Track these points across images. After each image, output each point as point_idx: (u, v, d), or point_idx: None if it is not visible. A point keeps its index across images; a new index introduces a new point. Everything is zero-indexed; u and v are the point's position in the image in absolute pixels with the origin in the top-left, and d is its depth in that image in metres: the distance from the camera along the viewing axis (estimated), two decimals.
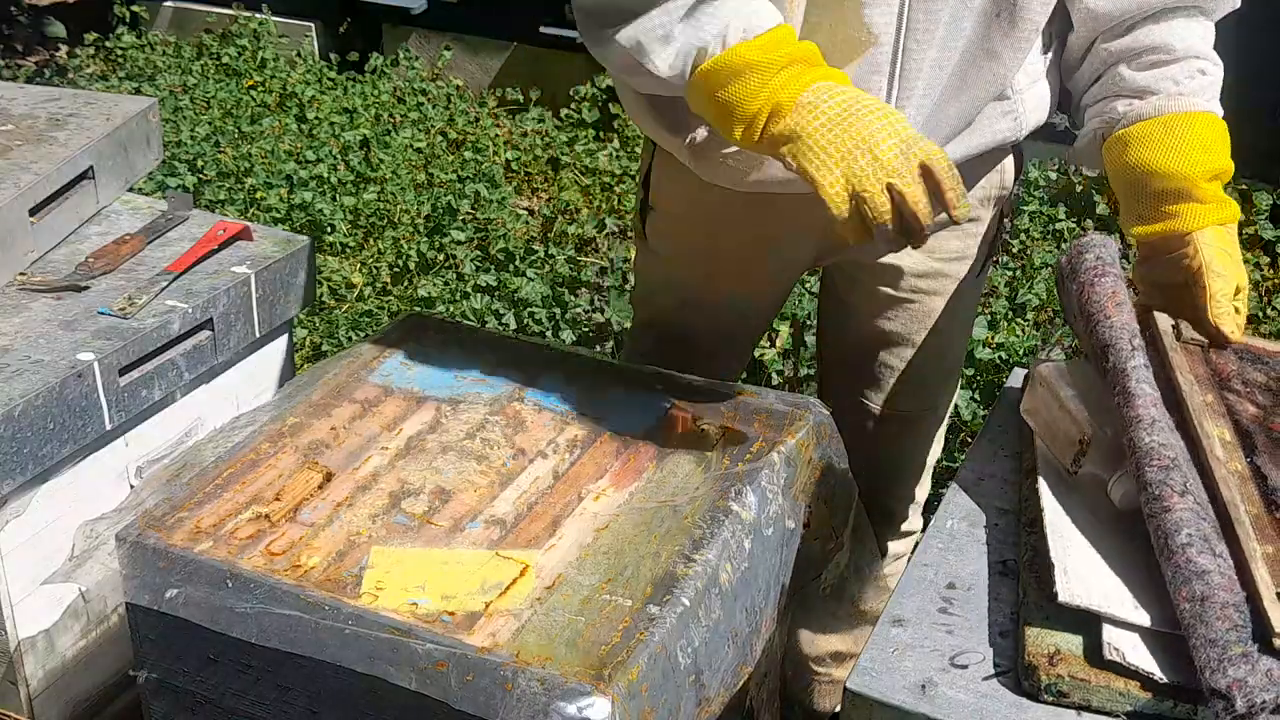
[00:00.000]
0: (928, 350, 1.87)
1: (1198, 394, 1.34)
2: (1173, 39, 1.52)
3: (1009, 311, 3.17)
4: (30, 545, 1.64)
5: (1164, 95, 1.51)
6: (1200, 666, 1.05)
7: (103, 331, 1.69)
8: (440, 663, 1.22)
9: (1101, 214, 3.67)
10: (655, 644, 1.25)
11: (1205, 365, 1.42)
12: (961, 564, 1.29)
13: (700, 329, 1.85)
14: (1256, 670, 1.04)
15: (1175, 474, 1.19)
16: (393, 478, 1.49)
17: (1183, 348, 1.43)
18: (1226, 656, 1.04)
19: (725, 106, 1.36)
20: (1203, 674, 1.05)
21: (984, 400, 2.83)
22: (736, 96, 1.36)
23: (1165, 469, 1.19)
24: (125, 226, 1.97)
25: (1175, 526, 1.14)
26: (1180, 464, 1.20)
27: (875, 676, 1.15)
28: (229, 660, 1.36)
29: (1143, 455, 1.21)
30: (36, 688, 1.71)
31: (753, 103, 1.35)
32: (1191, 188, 1.46)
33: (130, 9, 5.11)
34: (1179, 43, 1.52)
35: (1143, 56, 1.53)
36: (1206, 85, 1.53)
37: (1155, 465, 1.20)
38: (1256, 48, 3.71)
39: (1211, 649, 1.05)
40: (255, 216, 3.64)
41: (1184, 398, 1.32)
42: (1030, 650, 1.14)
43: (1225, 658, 1.04)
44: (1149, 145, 1.48)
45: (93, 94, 2.17)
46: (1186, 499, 1.16)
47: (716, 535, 1.39)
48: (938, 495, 2.65)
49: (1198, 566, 1.11)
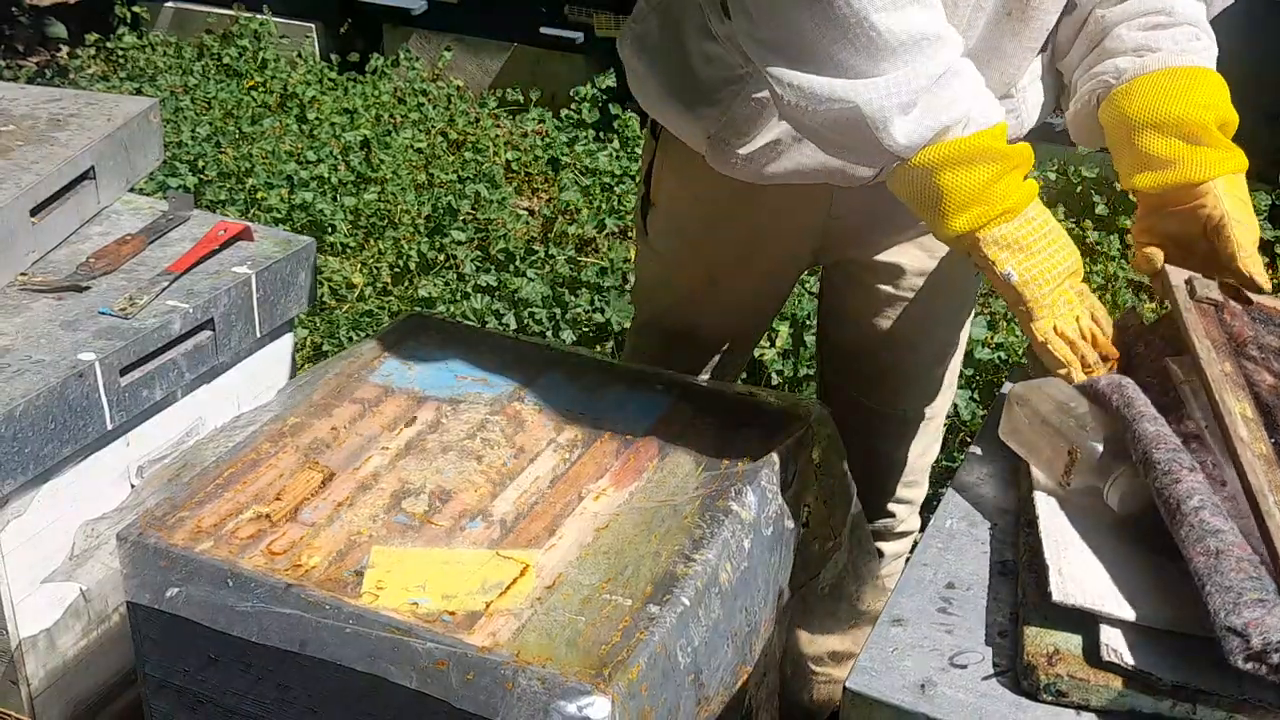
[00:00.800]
0: (926, 350, 1.87)
1: (1215, 362, 1.30)
2: (1173, 2, 1.51)
3: (1009, 311, 3.18)
4: (31, 545, 1.64)
5: (1167, 51, 1.48)
6: (1214, 610, 1.05)
7: (104, 331, 1.70)
8: (440, 661, 1.23)
9: (1101, 214, 3.67)
10: (655, 643, 1.25)
11: (1220, 329, 1.37)
12: (961, 564, 1.29)
13: (700, 327, 1.86)
14: (1273, 614, 1.03)
15: (1183, 455, 1.19)
16: (393, 477, 1.50)
17: (1196, 307, 1.38)
18: (1242, 600, 1.04)
19: (951, 191, 1.33)
20: (1217, 616, 1.04)
21: (984, 400, 2.83)
22: (969, 185, 1.33)
23: (1173, 450, 1.20)
24: (126, 227, 1.97)
25: (1187, 494, 1.14)
26: (1185, 451, 1.21)
27: (875, 676, 1.15)
28: (230, 659, 1.36)
29: (1149, 441, 1.21)
30: (38, 687, 1.71)
31: (987, 195, 1.33)
32: (1202, 133, 1.42)
33: (131, 9, 5.11)
34: (1179, 6, 1.51)
35: (1143, 18, 1.51)
36: (1205, 48, 1.51)
37: (1163, 448, 1.20)
38: (1257, 48, 3.72)
39: (1226, 594, 1.05)
40: (256, 217, 3.64)
41: (1203, 366, 1.29)
42: (1029, 650, 1.14)
43: (1241, 601, 1.04)
44: (1156, 92, 1.44)
45: (94, 94, 2.17)
46: (1196, 474, 1.17)
47: (716, 535, 1.39)
48: (937, 495, 2.65)
49: (1211, 526, 1.11)
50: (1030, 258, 1.36)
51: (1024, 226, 1.36)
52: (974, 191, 1.33)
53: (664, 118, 1.68)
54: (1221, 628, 1.04)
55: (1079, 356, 1.39)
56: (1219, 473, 1.23)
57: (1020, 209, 1.36)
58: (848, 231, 1.76)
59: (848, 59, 1.29)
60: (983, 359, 2.88)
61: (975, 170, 1.33)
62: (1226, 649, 1.04)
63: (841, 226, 1.75)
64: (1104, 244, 3.53)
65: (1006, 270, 1.36)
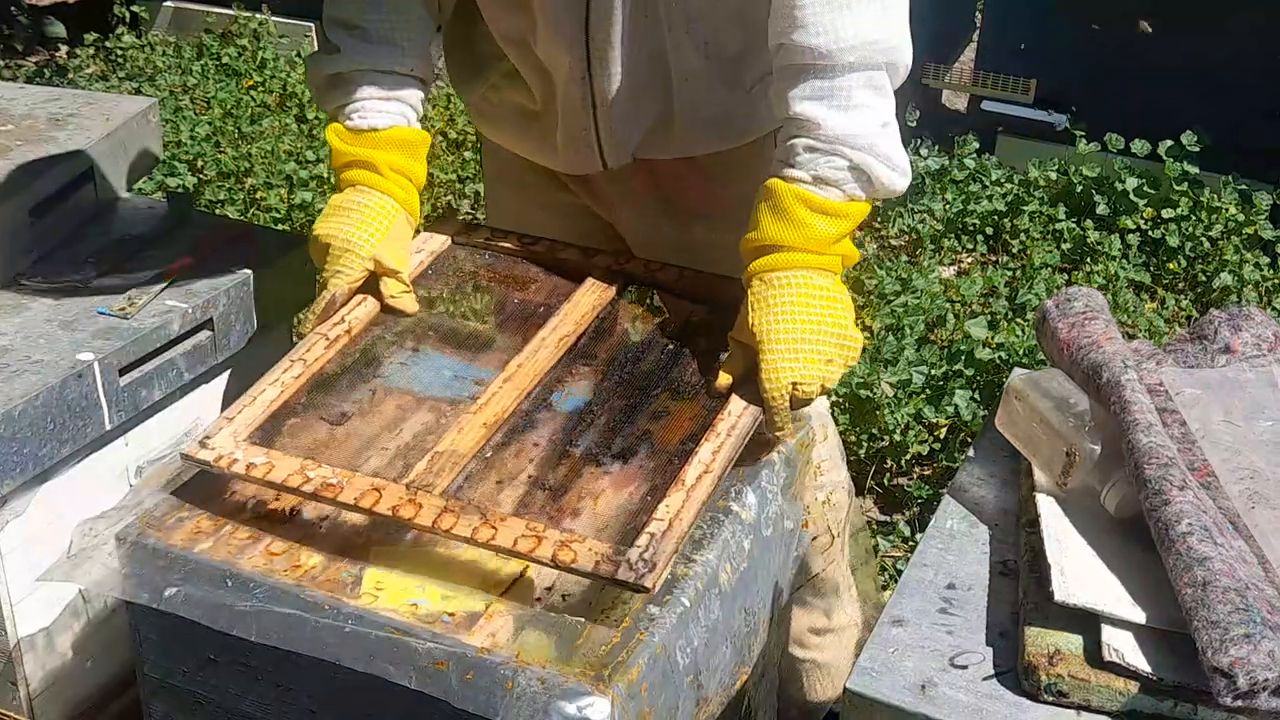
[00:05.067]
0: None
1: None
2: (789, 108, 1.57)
3: (1009, 311, 3.18)
4: (30, 545, 1.64)
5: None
6: (1202, 648, 1.06)
7: (103, 331, 1.69)
8: (440, 662, 1.23)
9: (1102, 214, 3.67)
10: (655, 644, 1.25)
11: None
12: (961, 564, 1.29)
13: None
14: (1259, 650, 1.04)
15: (1174, 470, 1.20)
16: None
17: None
18: (1229, 637, 1.05)
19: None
20: (1204, 654, 1.06)
21: (984, 400, 2.83)
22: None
23: (1164, 466, 1.20)
24: (125, 227, 1.97)
25: (1175, 518, 1.15)
26: (1178, 463, 1.21)
27: (875, 677, 1.15)
28: (229, 660, 1.36)
29: (1141, 455, 1.22)
30: (36, 687, 1.71)
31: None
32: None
33: (130, 9, 5.11)
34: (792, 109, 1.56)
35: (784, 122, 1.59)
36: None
37: (1154, 463, 1.21)
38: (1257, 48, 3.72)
39: (1214, 630, 1.06)
40: (255, 217, 3.64)
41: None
42: (1030, 650, 1.14)
43: (1228, 638, 1.05)
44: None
45: (93, 94, 2.18)
46: (1186, 493, 1.17)
47: (716, 536, 1.39)
48: (937, 495, 2.65)
49: (1199, 554, 1.12)
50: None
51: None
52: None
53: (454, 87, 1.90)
54: (1209, 668, 1.05)
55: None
56: (1213, 483, 1.24)
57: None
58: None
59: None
60: (983, 359, 2.88)
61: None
62: (1215, 689, 1.05)
63: None
64: (1104, 244, 3.53)
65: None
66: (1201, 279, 3.47)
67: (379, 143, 1.66)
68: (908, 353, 2.88)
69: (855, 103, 1.46)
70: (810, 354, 1.43)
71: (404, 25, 1.70)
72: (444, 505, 1.30)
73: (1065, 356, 1.41)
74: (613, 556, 1.23)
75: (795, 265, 1.46)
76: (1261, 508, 1.21)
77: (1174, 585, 1.12)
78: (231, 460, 1.38)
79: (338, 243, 1.62)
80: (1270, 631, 1.06)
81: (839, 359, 1.45)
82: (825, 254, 1.47)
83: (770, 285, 1.46)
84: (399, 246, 1.65)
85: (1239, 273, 3.41)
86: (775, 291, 1.45)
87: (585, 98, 1.69)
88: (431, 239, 1.76)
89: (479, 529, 1.27)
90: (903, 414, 2.78)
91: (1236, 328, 1.44)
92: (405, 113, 1.69)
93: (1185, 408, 1.32)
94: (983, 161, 3.93)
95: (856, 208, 1.48)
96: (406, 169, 1.67)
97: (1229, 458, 1.27)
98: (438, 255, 1.74)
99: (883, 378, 2.79)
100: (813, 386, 1.44)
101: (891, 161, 1.48)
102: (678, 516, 1.28)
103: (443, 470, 1.36)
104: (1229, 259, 3.45)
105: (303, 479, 1.34)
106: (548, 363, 1.53)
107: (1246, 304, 2.49)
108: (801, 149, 1.47)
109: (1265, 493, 1.23)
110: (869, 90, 1.47)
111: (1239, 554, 1.14)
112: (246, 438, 1.42)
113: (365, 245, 1.61)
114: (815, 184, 1.46)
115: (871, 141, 1.46)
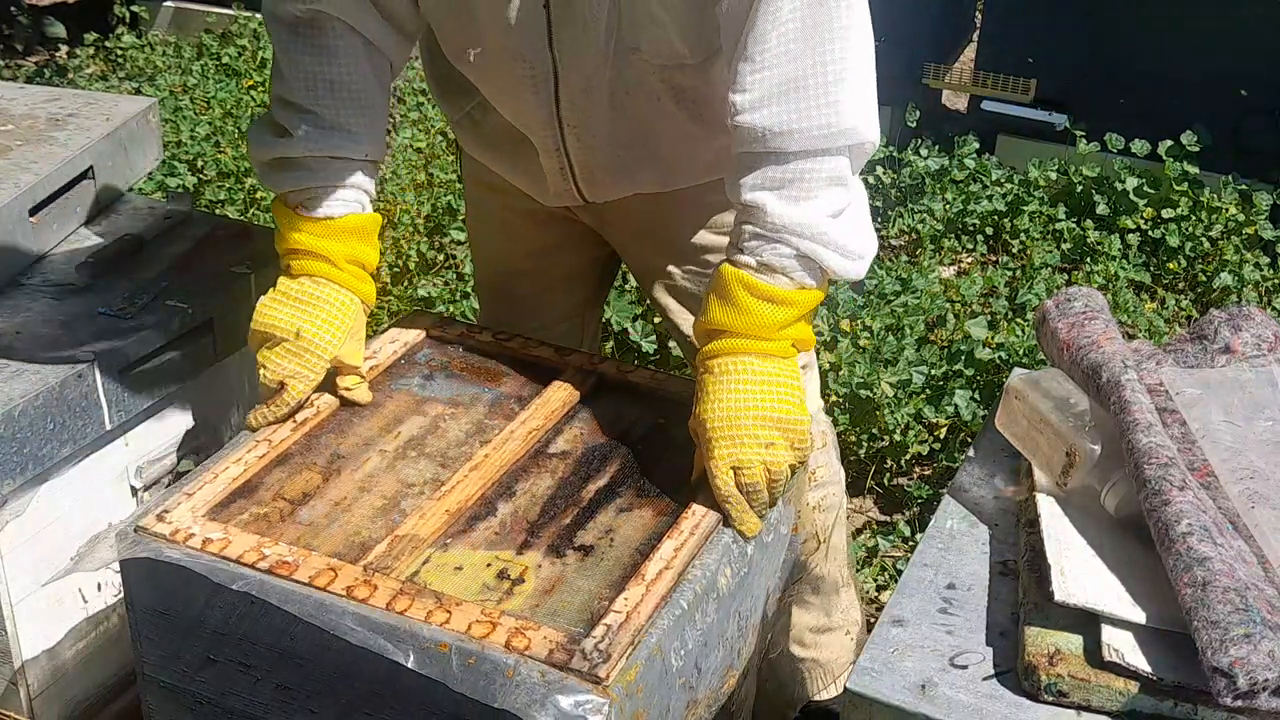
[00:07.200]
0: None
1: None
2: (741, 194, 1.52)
3: (1009, 311, 3.18)
4: (30, 545, 1.64)
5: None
6: (1202, 648, 1.06)
7: (103, 331, 1.70)
8: (442, 644, 1.23)
9: (1102, 214, 3.67)
10: (652, 645, 1.25)
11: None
12: (961, 564, 1.29)
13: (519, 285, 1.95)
14: (1259, 650, 1.04)
15: (1174, 470, 1.20)
16: (392, 478, 1.49)
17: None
18: (1229, 637, 1.05)
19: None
20: (1204, 654, 1.06)
21: (984, 400, 2.83)
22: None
23: (1164, 465, 1.20)
24: (125, 226, 1.97)
25: (1175, 518, 1.15)
26: (1178, 463, 1.21)
27: (875, 677, 1.15)
28: (229, 660, 1.36)
29: (1141, 455, 1.22)
30: (36, 688, 1.71)
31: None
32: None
33: (130, 9, 5.11)
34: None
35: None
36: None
37: (1154, 463, 1.21)
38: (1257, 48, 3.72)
39: (1213, 630, 1.06)
40: (255, 217, 3.64)
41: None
42: (1030, 650, 1.14)
43: (1228, 638, 1.05)
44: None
45: (93, 94, 2.18)
46: (1185, 493, 1.17)
47: (718, 540, 1.39)
48: (937, 495, 2.65)
49: (1198, 554, 1.12)
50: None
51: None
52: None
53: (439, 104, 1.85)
54: (1209, 668, 1.05)
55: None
56: (1213, 483, 1.24)
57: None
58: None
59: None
60: (983, 359, 2.88)
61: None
62: (1215, 689, 1.05)
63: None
64: (1104, 244, 3.53)
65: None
66: (1201, 279, 3.47)
67: (334, 232, 1.59)
68: (908, 353, 2.88)
69: (806, 194, 1.42)
70: (746, 438, 1.40)
71: (357, 111, 1.60)
72: (399, 588, 1.29)
73: (1065, 356, 1.41)
74: (567, 645, 1.22)
75: (739, 351, 1.44)
76: (1261, 507, 1.21)
77: (1174, 585, 1.12)
78: (188, 535, 1.36)
79: (298, 341, 1.56)
80: (1270, 631, 1.06)
81: (780, 442, 1.42)
82: (772, 339, 1.44)
83: (712, 372, 1.44)
84: (357, 343, 1.61)
85: (1239, 273, 3.41)
86: (716, 379, 1.44)
87: (564, 168, 1.69)
88: (405, 332, 1.74)
89: (433, 612, 1.26)
90: (903, 414, 2.78)
91: (1236, 328, 1.44)
92: (360, 199, 1.62)
93: (1185, 408, 1.32)
94: (983, 161, 3.93)
95: (806, 295, 1.45)
96: (361, 257, 1.61)
97: (1229, 457, 1.27)
98: (411, 346, 1.72)
99: (883, 378, 2.79)
100: (754, 470, 1.40)
101: (845, 250, 1.44)
102: (635, 610, 1.27)
103: (401, 554, 1.35)
104: (1229, 259, 3.45)
105: (258, 555, 1.33)
106: (515, 455, 1.52)
107: (1246, 304, 2.48)
108: (749, 235, 1.44)
109: (1265, 492, 1.23)
110: (823, 180, 1.42)
111: (1239, 554, 1.14)
112: (205, 514, 1.40)
113: (328, 347, 1.56)
114: (761, 270, 1.43)
115: (820, 230, 1.42)
